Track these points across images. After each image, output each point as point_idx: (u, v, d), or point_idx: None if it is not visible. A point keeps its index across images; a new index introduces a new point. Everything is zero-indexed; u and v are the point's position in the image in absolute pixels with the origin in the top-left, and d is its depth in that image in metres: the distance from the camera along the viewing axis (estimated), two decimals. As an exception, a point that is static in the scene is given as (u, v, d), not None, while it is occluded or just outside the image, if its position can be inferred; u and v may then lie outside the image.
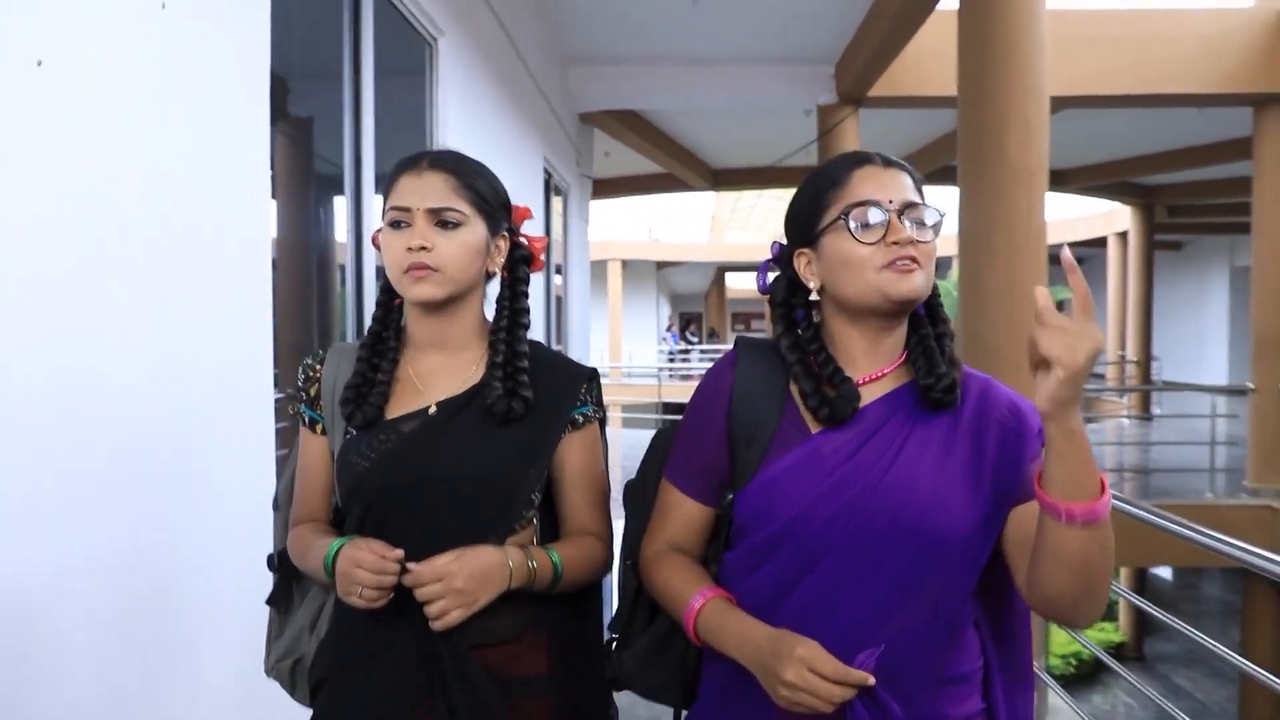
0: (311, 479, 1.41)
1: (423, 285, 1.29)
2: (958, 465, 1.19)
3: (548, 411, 1.36)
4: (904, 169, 1.25)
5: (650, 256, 23.97)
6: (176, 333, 1.81)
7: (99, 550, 1.60)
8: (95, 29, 1.58)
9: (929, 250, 1.20)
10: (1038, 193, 3.79)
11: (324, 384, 1.38)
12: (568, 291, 8.28)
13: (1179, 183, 13.75)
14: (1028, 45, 3.81)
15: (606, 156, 11.04)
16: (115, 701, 1.63)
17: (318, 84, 3.02)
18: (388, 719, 1.29)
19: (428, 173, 1.32)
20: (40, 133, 1.45)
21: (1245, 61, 7.70)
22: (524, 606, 1.33)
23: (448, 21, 3.81)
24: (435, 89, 3.81)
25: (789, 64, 7.71)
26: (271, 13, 2.18)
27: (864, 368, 1.25)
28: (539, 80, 6.20)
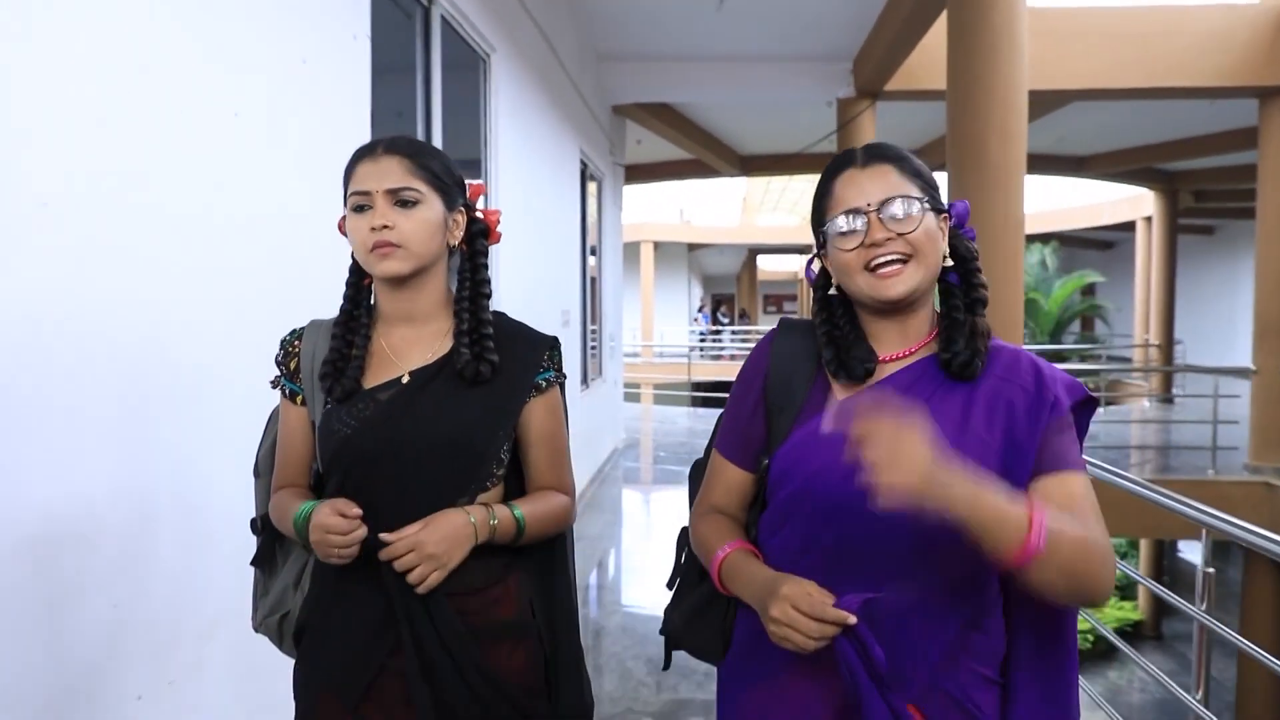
0: (292, 447, 1.48)
1: (388, 261, 1.36)
2: (975, 431, 1.21)
3: (513, 376, 1.44)
4: (888, 159, 1.26)
5: (682, 239, 24.19)
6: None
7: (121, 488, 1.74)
8: (268, 87, 2.18)
9: (918, 239, 1.22)
10: (1015, 189, 4.27)
11: (303, 358, 1.45)
12: (601, 273, 8.79)
13: (1203, 168, 13.86)
14: (1007, 62, 4.28)
15: (638, 144, 11.53)
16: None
17: (400, 87, 3.60)
18: (364, 658, 1.38)
19: (384, 157, 1.38)
20: (238, 167, 2.06)
21: (1249, 55, 7.95)
22: (493, 557, 1.42)
23: (499, 40, 4.40)
24: (489, 98, 4.40)
25: (809, 61, 8.18)
26: (371, 44, 2.77)
27: (892, 346, 1.30)
28: (575, 78, 6.76)
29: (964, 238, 1.34)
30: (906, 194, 1.23)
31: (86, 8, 1.60)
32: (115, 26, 1.67)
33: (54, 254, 1.55)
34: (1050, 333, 18.09)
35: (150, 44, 1.76)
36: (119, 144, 1.69)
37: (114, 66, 1.67)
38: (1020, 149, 4.30)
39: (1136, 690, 12.34)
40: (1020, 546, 1.05)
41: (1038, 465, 1.21)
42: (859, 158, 1.27)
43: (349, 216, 1.38)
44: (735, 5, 6.76)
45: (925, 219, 1.22)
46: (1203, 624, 2.55)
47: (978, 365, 1.23)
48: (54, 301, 1.56)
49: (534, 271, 5.40)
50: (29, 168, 1.49)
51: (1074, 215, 20.10)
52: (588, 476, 7.57)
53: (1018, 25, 4.36)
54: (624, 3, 6.86)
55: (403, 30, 3.52)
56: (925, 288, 1.25)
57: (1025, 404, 1.22)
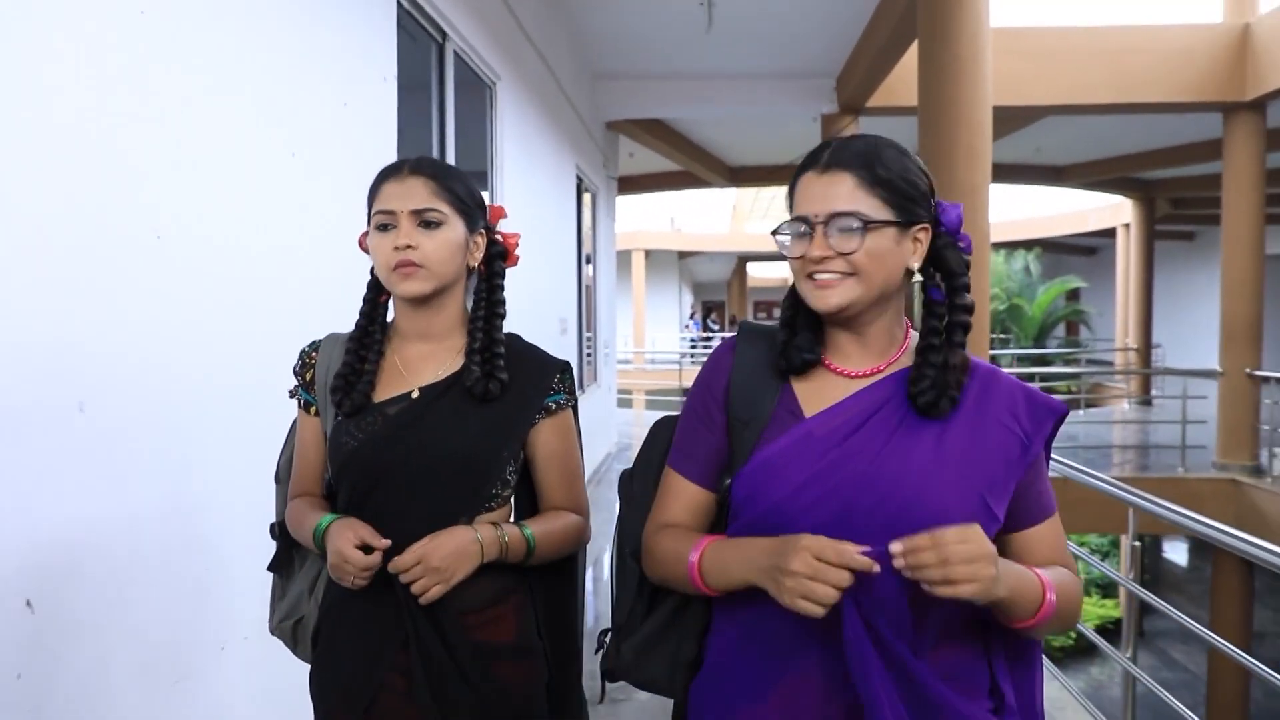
0: (306, 457, 1.50)
1: (410, 281, 1.37)
2: (949, 459, 1.15)
3: (521, 397, 1.44)
4: (850, 166, 1.17)
5: (673, 246, 24.49)
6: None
7: (150, 508, 1.81)
8: (316, 129, 2.51)
9: (859, 260, 1.15)
10: (981, 205, 4.63)
11: (318, 369, 1.47)
12: (595, 282, 9.13)
13: (1179, 177, 14.25)
14: (971, 86, 4.65)
15: (631, 157, 11.86)
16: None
17: (416, 108, 3.94)
18: (369, 668, 1.40)
19: (409, 178, 1.40)
20: (288, 202, 2.39)
21: (1213, 72, 8.35)
22: (500, 576, 1.42)
23: (503, 68, 4.75)
24: (495, 122, 4.75)
25: (794, 78, 8.55)
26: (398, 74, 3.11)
27: (858, 362, 1.23)
28: (571, 98, 7.11)
29: (955, 248, 1.23)
30: (856, 211, 1.15)
31: (186, 77, 1.93)
32: (205, 85, 2.00)
33: (161, 279, 1.86)
34: (1034, 337, 18.50)
35: (227, 97, 2.09)
36: (204, 185, 2.02)
37: (207, 122, 2.00)
38: (985, 167, 4.67)
39: (1117, 685, 12.66)
40: (1035, 613, 1.11)
41: (1025, 513, 1.19)
42: (822, 159, 1.19)
43: (372, 234, 1.40)
44: (723, 26, 7.12)
45: (870, 241, 1.15)
46: (1131, 592, 2.87)
47: (945, 405, 1.16)
48: (118, 324, 1.71)
49: (535, 282, 5.74)
50: (147, 201, 1.81)
51: (1058, 222, 20.51)
52: (585, 476, 7.92)
53: (982, 51, 4.73)
54: (618, 25, 7.22)
55: (418, 56, 3.86)
56: (865, 304, 1.19)
57: (1007, 440, 1.18)
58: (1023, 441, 1.18)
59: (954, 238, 1.23)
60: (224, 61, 2.07)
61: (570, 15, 6.90)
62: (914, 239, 1.20)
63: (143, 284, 1.80)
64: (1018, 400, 1.20)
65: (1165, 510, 2.81)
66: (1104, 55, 8.43)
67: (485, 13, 4.41)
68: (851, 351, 1.24)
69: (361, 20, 2.87)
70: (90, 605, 1.66)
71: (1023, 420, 1.19)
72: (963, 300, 1.21)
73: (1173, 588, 15.88)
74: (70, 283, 1.61)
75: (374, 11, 2.97)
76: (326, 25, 2.63)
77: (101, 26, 1.67)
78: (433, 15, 3.71)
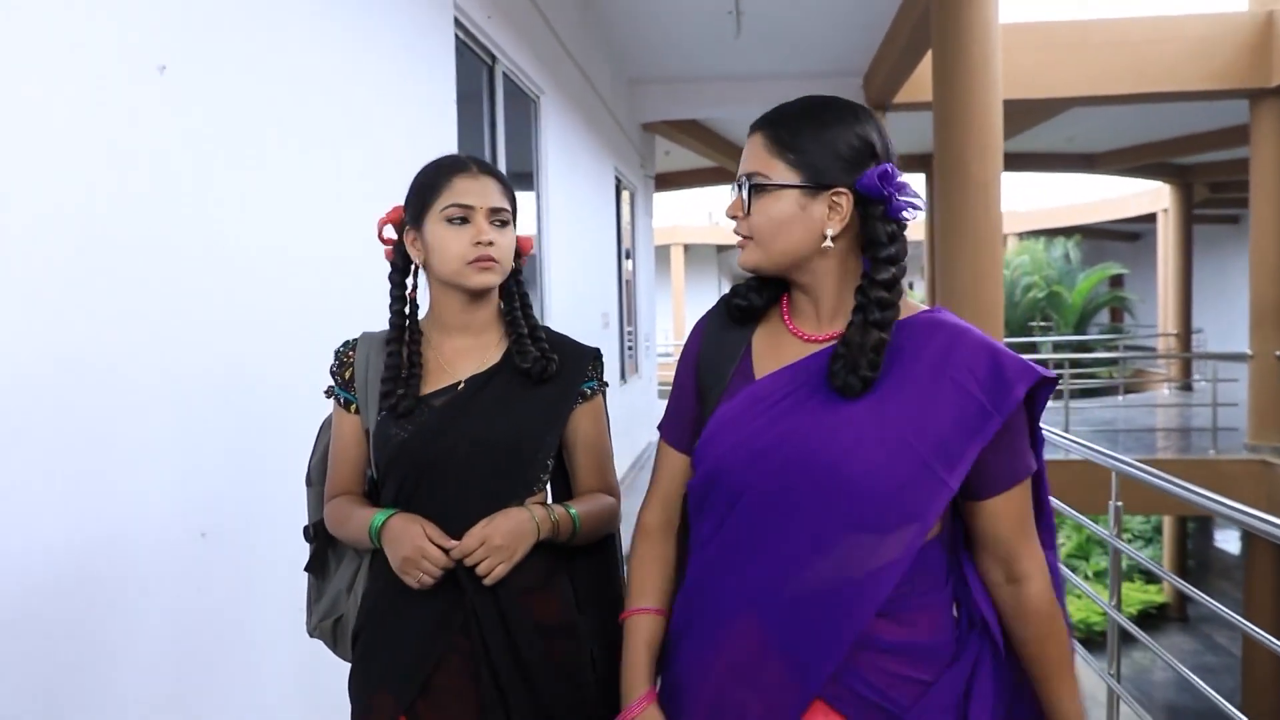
0: (346, 455, 1.51)
1: (488, 275, 1.42)
2: (887, 421, 1.12)
3: (562, 384, 1.49)
4: (763, 127, 1.20)
5: (711, 240, 24.63)
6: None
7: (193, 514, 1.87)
8: (392, 159, 2.92)
9: (753, 224, 1.18)
10: (993, 198, 4.93)
11: (356, 367, 1.49)
12: (635, 277, 9.51)
13: (1217, 161, 14.20)
14: (983, 86, 4.94)
15: (666, 155, 12.25)
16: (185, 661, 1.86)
17: (471, 114, 4.34)
18: (419, 656, 1.40)
19: (481, 176, 1.44)
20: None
21: (1237, 60, 8.45)
22: (547, 556, 1.45)
23: (546, 83, 5.18)
24: (539, 132, 5.18)
25: (822, 77, 8.85)
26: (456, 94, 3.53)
27: (813, 325, 1.23)
28: (609, 104, 7.51)
29: (881, 218, 1.16)
30: (754, 172, 1.17)
31: (278, 128, 2.34)
32: (300, 119, 2.41)
33: (246, 300, 2.19)
34: (1074, 325, 18.47)
35: (314, 150, 2.50)
36: (293, 220, 2.42)
37: (293, 165, 2.41)
38: (996, 163, 4.96)
39: (1160, 669, 12.76)
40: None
41: (988, 483, 1.16)
42: (755, 122, 1.22)
43: (440, 227, 1.41)
44: (752, 31, 7.45)
45: (765, 203, 1.17)
46: (1116, 549, 3.18)
47: (854, 384, 1.12)
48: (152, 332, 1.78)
49: (577, 279, 6.14)
50: (249, 244, 2.20)
51: (1097, 209, 20.39)
52: (627, 464, 8.32)
53: (992, 54, 5.02)
54: (651, 33, 7.59)
55: (471, 79, 4.29)
56: (776, 267, 1.20)
57: (961, 402, 1.12)
58: (982, 405, 1.11)
59: (885, 205, 1.15)
60: (311, 113, 2.45)
61: (606, 26, 7.30)
62: (829, 203, 1.16)
63: (227, 309, 2.04)
64: (980, 362, 1.13)
65: (1148, 476, 3.07)
66: (1129, 46, 8.58)
67: (530, 34, 4.84)
68: (808, 313, 1.23)
69: (421, 54, 3.29)
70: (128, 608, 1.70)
71: (982, 382, 1.12)
72: (881, 274, 1.14)
73: (1221, 574, 15.84)
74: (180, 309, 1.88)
75: (433, 46, 3.39)
76: (389, 60, 3.03)
77: (209, 108, 2.04)
78: (484, 42, 4.14)
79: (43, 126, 1.52)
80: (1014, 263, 17.75)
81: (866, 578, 1.12)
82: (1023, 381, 1.12)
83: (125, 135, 1.71)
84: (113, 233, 1.68)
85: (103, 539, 1.65)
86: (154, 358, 1.78)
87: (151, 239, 1.78)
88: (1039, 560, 1.19)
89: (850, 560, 1.12)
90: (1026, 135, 11.43)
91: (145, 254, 1.76)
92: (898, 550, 1.11)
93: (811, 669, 1.12)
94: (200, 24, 1.94)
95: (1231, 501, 2.68)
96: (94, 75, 1.63)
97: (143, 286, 1.75)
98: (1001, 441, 1.14)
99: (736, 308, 1.28)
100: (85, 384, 1.61)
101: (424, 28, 3.30)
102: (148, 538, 1.76)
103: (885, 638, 1.14)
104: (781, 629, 1.13)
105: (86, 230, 1.62)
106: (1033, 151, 13.56)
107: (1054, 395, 1.21)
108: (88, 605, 1.62)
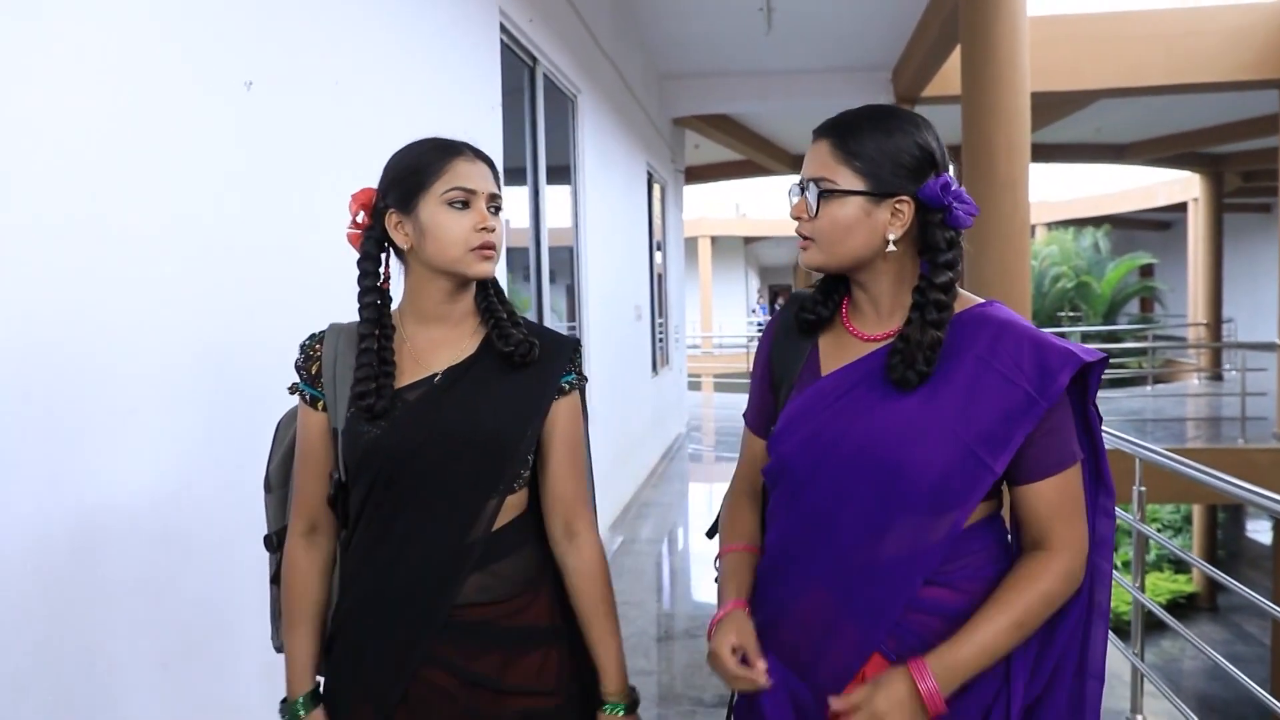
0: (313, 455, 1.41)
1: (488, 263, 1.36)
2: (937, 415, 1.20)
3: (543, 373, 1.41)
4: (829, 134, 1.25)
5: (738, 233, 24.80)
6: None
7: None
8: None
9: (816, 228, 1.24)
10: (1021, 194, 5.02)
11: (324, 362, 1.40)
12: (666, 269, 9.67)
13: (1246, 150, 14.11)
14: (1010, 82, 5.03)
15: (696, 148, 12.37)
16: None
17: (514, 112, 4.50)
18: (399, 665, 1.34)
19: (478, 161, 1.38)
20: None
21: (1267, 50, 8.45)
22: (528, 563, 1.41)
23: (583, 82, 5.35)
24: (576, 129, 5.35)
25: (851, 71, 8.96)
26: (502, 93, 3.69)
27: (873, 324, 1.29)
28: (641, 100, 7.67)
29: (941, 225, 1.23)
30: (821, 177, 1.23)
31: (333, 130, 2.51)
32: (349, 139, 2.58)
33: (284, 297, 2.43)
34: (1104, 315, 18.37)
35: (374, 141, 2.67)
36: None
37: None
38: (1024, 157, 5.06)
39: (1189, 658, 12.76)
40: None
41: (1031, 468, 1.21)
42: (825, 127, 1.27)
43: (440, 211, 1.33)
44: (782, 26, 7.57)
45: (831, 207, 1.22)
46: (1139, 533, 3.29)
47: (911, 378, 1.20)
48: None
49: (612, 272, 6.31)
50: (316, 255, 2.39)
51: (1127, 198, 20.25)
52: (659, 454, 8.50)
53: (1019, 52, 5.12)
54: (683, 30, 7.73)
55: (513, 80, 4.47)
56: (838, 268, 1.28)
57: (1007, 392, 1.18)
58: (1027, 393, 1.17)
59: (944, 213, 1.22)
60: (365, 117, 2.62)
61: (640, 25, 7.45)
62: (892, 210, 1.22)
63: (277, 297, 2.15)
64: (1024, 351, 1.19)
65: (1169, 462, 3.20)
66: (1158, 38, 8.61)
67: (568, 36, 5.00)
68: (868, 313, 1.30)
69: (469, 58, 3.46)
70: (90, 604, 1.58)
71: (1027, 371, 1.18)
72: (940, 278, 1.21)
73: (1252, 564, 15.76)
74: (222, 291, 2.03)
75: (480, 50, 3.56)
76: (439, 65, 3.20)
77: (246, 113, 2.17)
78: (526, 46, 4.31)
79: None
80: (1042, 253, 17.70)
81: (917, 554, 1.21)
82: (1067, 368, 1.17)
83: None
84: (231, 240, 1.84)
85: (69, 535, 1.54)
86: (161, 351, 1.74)
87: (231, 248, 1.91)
88: (1076, 543, 1.22)
89: (902, 539, 1.21)
90: (1055, 126, 11.43)
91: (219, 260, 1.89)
92: (945, 529, 1.20)
93: (870, 630, 1.23)
94: (277, 41, 2.11)
95: (1257, 487, 2.73)
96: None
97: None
98: (1046, 427, 1.19)
99: (805, 321, 1.35)
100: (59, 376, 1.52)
101: (472, 34, 3.47)
102: (116, 537, 1.64)
103: (937, 601, 1.22)
104: (845, 598, 1.24)
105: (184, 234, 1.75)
106: (1060, 143, 13.54)
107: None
108: (51, 610, 1.51)
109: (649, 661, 3.93)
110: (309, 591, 1.42)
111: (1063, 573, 1.20)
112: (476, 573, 1.35)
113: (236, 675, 1.97)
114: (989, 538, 1.26)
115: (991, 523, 1.28)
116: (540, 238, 4.63)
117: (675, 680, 3.74)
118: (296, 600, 1.42)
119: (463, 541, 1.35)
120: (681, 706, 3.42)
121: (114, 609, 1.64)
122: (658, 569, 5.64)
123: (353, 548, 1.40)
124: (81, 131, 1.54)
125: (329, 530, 1.44)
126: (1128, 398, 12.36)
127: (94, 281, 1.57)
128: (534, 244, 4.61)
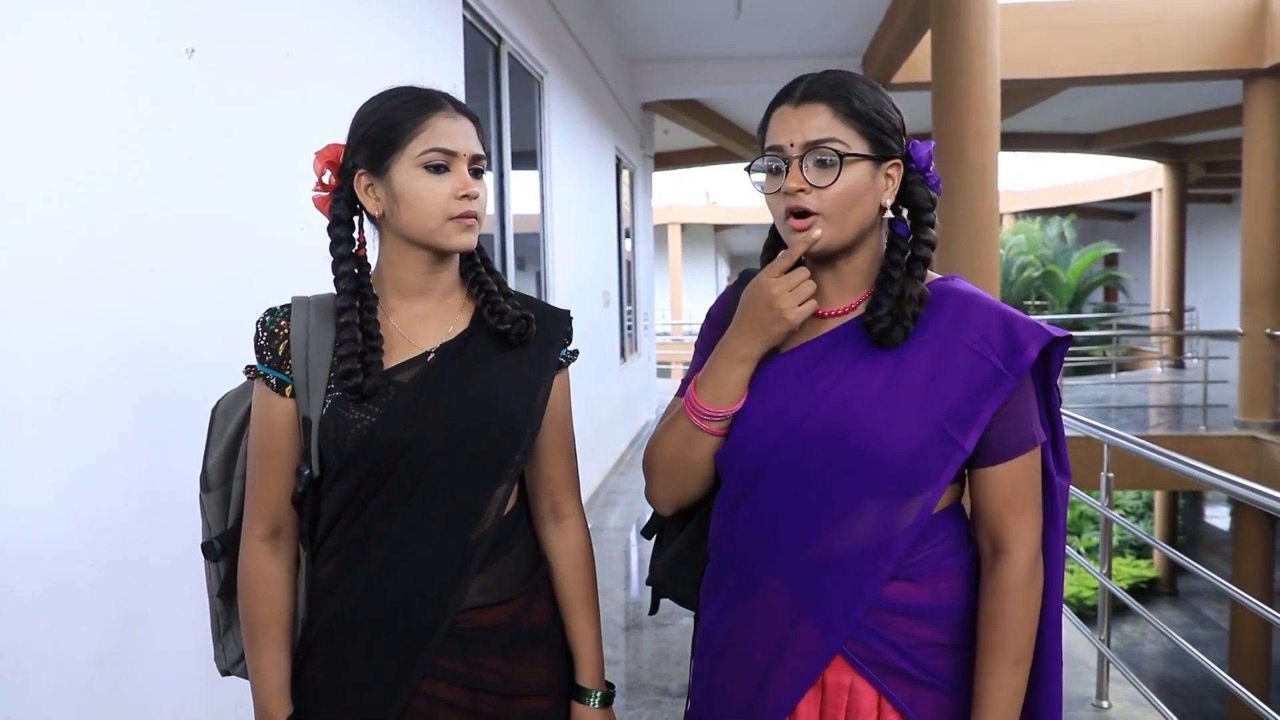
0: (275, 450, 1.22)
1: (470, 234, 1.21)
2: (905, 387, 1.15)
3: (542, 346, 1.31)
4: (824, 97, 1.15)
5: (708, 220, 24.73)
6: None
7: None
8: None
9: (833, 196, 1.13)
10: (990, 181, 5.01)
11: (293, 341, 1.21)
12: (635, 256, 9.62)
13: (1209, 141, 14.29)
14: (980, 70, 5.01)
15: (665, 134, 12.30)
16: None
17: (478, 93, 4.41)
18: (400, 677, 1.22)
19: (460, 117, 1.22)
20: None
21: (1232, 40, 8.53)
22: (528, 557, 1.32)
23: (550, 64, 5.24)
24: (543, 111, 5.25)
25: (821, 57, 8.90)
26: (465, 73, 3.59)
27: (834, 300, 1.22)
28: (610, 83, 7.57)
29: (925, 184, 1.22)
30: (834, 141, 1.13)
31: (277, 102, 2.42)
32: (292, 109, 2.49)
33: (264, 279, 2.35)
34: (1069, 304, 18.61)
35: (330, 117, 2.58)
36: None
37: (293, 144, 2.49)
38: (993, 144, 5.05)
39: (1149, 642, 13.02)
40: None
41: (992, 450, 1.16)
42: (797, 92, 1.17)
43: (416, 175, 1.18)
44: (752, 10, 7.51)
45: (847, 174, 1.13)
46: (1106, 519, 3.30)
47: (898, 334, 1.15)
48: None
49: (579, 257, 6.23)
50: (259, 228, 2.30)
51: (1092, 188, 20.48)
52: (627, 441, 8.45)
53: (990, 38, 5.10)
54: (654, 12, 7.63)
55: (477, 59, 4.36)
56: (840, 245, 1.17)
57: (975, 365, 1.14)
58: (995, 366, 1.13)
59: (923, 174, 1.22)
60: (320, 93, 2.53)
61: (609, 7, 7.34)
62: (886, 175, 1.19)
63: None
64: (992, 324, 1.16)
65: (1137, 447, 3.21)
66: (1125, 27, 8.66)
67: (534, 15, 4.89)
68: (829, 291, 1.23)
69: (431, 35, 3.35)
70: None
71: (995, 344, 1.14)
72: (927, 235, 1.20)
73: (1211, 549, 16.08)
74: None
75: (442, 27, 3.46)
76: (399, 42, 3.10)
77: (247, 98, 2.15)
78: (489, 23, 4.20)
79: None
80: (1009, 242, 17.85)
81: (883, 541, 1.15)
82: (1035, 341, 1.13)
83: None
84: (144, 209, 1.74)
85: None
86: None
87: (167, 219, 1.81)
88: (1028, 539, 1.17)
89: (868, 525, 1.15)
90: (1023, 115, 11.50)
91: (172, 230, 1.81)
92: (914, 514, 1.15)
93: (832, 626, 1.16)
94: (222, 6, 2.02)
95: (1220, 471, 2.75)
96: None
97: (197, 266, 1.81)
98: (1007, 408, 1.15)
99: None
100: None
101: (433, 9, 3.37)
102: (29, 551, 1.44)
103: (900, 599, 1.17)
104: (805, 590, 1.17)
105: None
106: (1029, 131, 13.64)
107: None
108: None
109: (615, 651, 3.89)
110: (276, 603, 1.23)
111: (1025, 583, 1.16)
112: (479, 573, 1.24)
113: (161, 699, 1.75)
114: (953, 525, 1.22)
115: (955, 511, 1.23)
116: (506, 223, 4.53)
117: (642, 670, 3.70)
118: (263, 614, 1.23)
119: (467, 539, 1.23)
120: (647, 696, 3.39)
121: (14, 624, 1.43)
122: (625, 557, 5.59)
123: (326, 554, 1.24)
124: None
125: (292, 534, 1.26)
126: (1092, 385, 12.54)
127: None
128: (499, 229, 4.51)
